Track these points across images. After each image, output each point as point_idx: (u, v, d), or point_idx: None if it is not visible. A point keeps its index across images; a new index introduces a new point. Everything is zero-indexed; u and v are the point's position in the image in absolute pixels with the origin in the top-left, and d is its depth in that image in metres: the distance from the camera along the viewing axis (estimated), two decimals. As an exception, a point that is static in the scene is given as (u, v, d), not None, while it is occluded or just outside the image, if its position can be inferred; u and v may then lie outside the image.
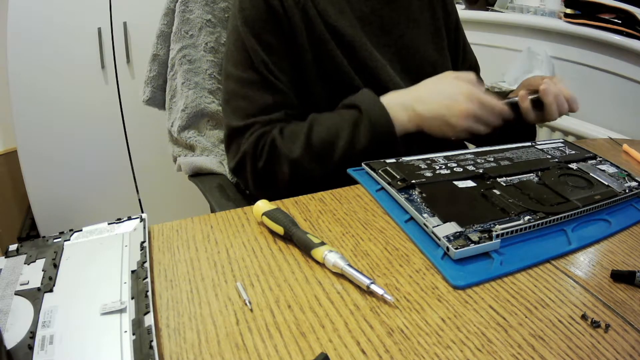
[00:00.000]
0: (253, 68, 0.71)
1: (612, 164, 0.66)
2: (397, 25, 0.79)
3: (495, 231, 0.47)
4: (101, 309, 0.38)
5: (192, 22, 0.89)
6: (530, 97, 0.71)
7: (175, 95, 0.92)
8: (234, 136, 0.72)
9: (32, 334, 0.36)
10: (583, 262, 0.47)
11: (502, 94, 0.82)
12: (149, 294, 0.39)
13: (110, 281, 0.41)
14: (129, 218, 0.51)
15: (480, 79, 0.91)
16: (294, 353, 0.36)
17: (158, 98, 0.97)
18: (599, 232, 0.52)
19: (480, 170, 0.60)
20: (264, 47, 0.70)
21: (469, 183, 0.57)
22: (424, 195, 0.54)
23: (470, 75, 0.70)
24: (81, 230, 0.49)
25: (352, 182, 0.62)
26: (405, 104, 0.67)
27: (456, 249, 0.45)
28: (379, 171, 0.60)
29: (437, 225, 0.48)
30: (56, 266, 0.44)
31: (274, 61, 0.71)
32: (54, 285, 0.41)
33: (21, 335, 0.36)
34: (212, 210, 0.76)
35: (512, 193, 0.55)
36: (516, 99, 0.71)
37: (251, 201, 0.58)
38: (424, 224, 0.49)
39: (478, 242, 0.46)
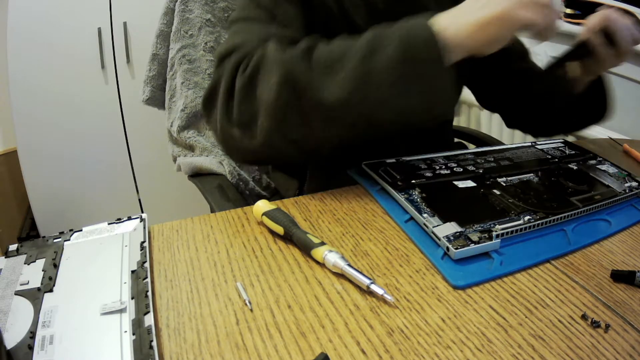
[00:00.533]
0: (260, 6, 0.63)
1: (612, 164, 0.66)
2: None
3: (495, 231, 0.47)
4: (101, 309, 0.38)
5: (191, 21, 0.89)
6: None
7: (175, 95, 0.92)
8: (217, 64, 0.59)
9: (32, 334, 0.36)
10: (583, 262, 0.47)
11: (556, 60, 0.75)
12: (149, 294, 0.39)
13: (110, 281, 0.41)
14: (129, 218, 0.51)
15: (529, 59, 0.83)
16: (294, 353, 0.36)
17: (158, 98, 0.97)
18: (599, 232, 0.52)
19: (480, 170, 0.60)
20: None
21: (469, 183, 0.57)
22: (424, 195, 0.54)
23: None
24: (81, 230, 0.49)
25: (352, 182, 0.62)
26: (443, 15, 0.54)
27: (456, 249, 0.45)
28: (379, 171, 0.60)
29: (437, 225, 0.48)
30: (56, 266, 0.44)
31: (286, 7, 0.63)
32: (54, 285, 0.41)
33: (21, 335, 0.36)
34: (212, 211, 0.76)
35: (512, 193, 0.55)
36: (580, 38, 0.64)
37: (251, 202, 0.58)
38: (424, 224, 0.49)
39: (478, 242, 0.46)
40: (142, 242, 0.47)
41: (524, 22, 0.52)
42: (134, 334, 0.36)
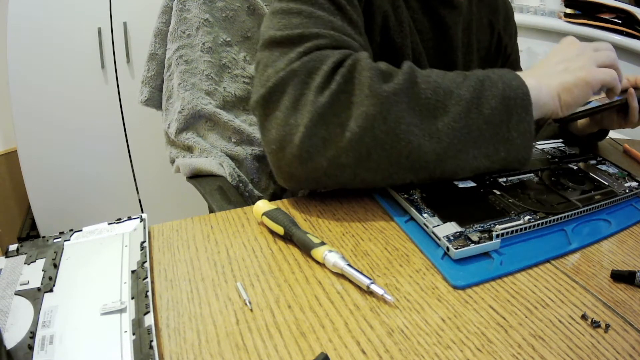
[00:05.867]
0: None
1: (612, 164, 0.66)
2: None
3: (495, 231, 0.47)
4: (101, 309, 0.38)
5: (189, 21, 0.88)
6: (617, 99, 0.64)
7: (172, 97, 0.92)
8: (275, 47, 0.51)
9: (32, 334, 0.36)
10: (583, 262, 0.47)
11: None
12: (149, 294, 0.39)
13: (110, 281, 0.41)
14: (129, 218, 0.51)
15: None
16: (294, 353, 0.36)
17: (156, 98, 0.96)
18: (599, 232, 0.52)
19: (480, 170, 0.60)
20: None
21: (469, 183, 0.57)
22: (424, 195, 0.54)
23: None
24: (81, 230, 0.49)
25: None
26: (525, 74, 0.54)
27: (456, 249, 0.45)
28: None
29: (437, 225, 0.48)
30: (56, 266, 0.44)
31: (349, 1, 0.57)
32: (54, 285, 0.41)
33: (21, 335, 0.36)
34: (211, 211, 0.76)
35: (512, 193, 0.55)
36: (622, 98, 0.64)
37: (251, 204, 0.58)
38: (424, 224, 0.49)
39: (478, 242, 0.46)
40: (142, 242, 0.47)
41: (603, 83, 0.55)
42: (134, 334, 0.36)
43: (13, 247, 0.47)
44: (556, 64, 0.56)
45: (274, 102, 0.49)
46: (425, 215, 0.50)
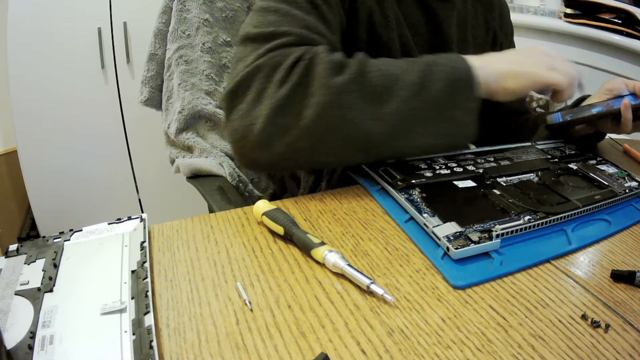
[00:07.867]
0: None
1: (612, 164, 0.66)
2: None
3: (495, 231, 0.47)
4: (101, 309, 0.38)
5: (189, 21, 0.88)
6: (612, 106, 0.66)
7: (172, 97, 0.92)
8: (248, 43, 0.55)
9: (32, 334, 0.36)
10: (583, 262, 0.47)
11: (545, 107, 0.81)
12: (149, 294, 0.39)
13: (110, 281, 0.41)
14: (129, 218, 0.51)
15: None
16: (294, 353, 0.36)
17: (156, 98, 0.97)
18: (599, 232, 0.52)
19: (480, 170, 0.60)
20: None
21: (469, 183, 0.57)
22: (424, 195, 0.54)
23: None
24: (81, 230, 0.49)
25: (352, 182, 0.62)
26: (474, 58, 0.57)
27: (456, 249, 0.45)
28: (379, 171, 0.60)
29: (437, 225, 0.48)
30: (56, 266, 0.44)
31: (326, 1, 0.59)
32: (54, 285, 0.41)
33: (21, 335, 0.36)
34: (211, 211, 0.76)
35: (512, 193, 0.55)
36: (617, 107, 0.66)
37: (251, 204, 0.58)
38: (424, 224, 0.49)
39: (478, 242, 0.46)
40: (142, 242, 0.47)
41: (548, 84, 0.57)
42: (134, 334, 0.36)
43: (13, 247, 0.47)
44: (513, 56, 0.60)
45: (240, 96, 0.53)
46: (425, 215, 0.50)
